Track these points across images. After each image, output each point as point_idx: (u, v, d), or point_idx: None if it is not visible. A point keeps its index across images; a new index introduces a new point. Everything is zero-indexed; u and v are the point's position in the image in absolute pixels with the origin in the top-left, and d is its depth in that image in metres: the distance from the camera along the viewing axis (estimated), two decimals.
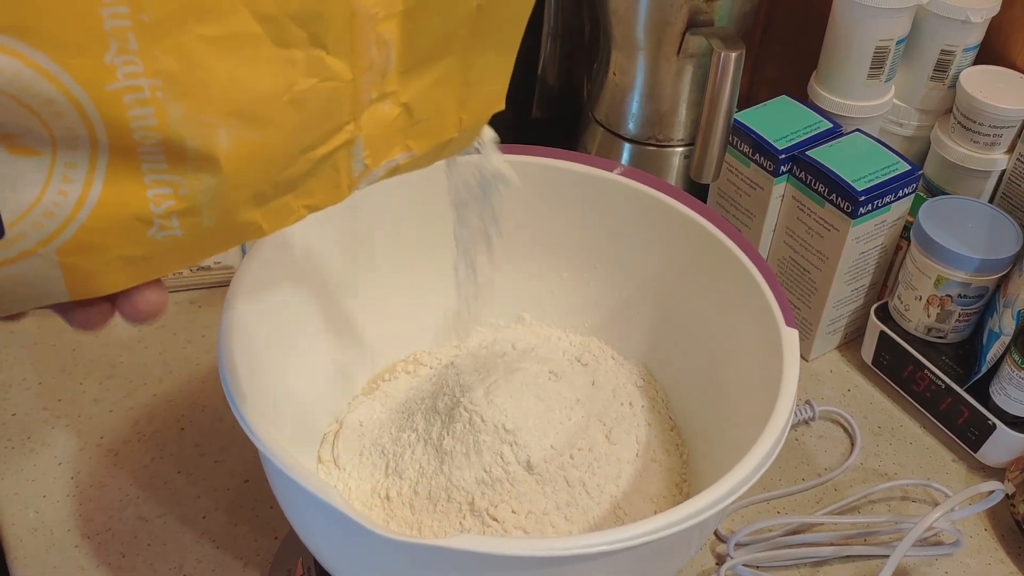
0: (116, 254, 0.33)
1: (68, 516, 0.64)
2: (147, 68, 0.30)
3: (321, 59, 0.33)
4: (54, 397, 0.71)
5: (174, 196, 0.32)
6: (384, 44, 0.35)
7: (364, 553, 0.46)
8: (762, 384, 0.52)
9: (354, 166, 0.38)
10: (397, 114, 0.38)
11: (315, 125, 0.35)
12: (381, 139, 0.38)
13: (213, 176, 0.32)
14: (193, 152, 0.32)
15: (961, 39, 0.74)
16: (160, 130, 0.31)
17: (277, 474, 0.45)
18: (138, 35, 0.29)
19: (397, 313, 0.65)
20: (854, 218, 0.68)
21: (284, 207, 0.36)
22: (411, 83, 0.38)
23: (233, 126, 0.32)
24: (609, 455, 0.57)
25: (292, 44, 0.32)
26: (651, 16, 0.73)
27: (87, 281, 0.33)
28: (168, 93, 0.30)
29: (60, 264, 0.32)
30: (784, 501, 0.68)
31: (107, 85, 0.30)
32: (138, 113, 0.30)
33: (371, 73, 0.36)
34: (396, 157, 0.39)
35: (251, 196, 0.34)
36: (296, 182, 0.36)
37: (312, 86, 0.34)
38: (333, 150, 0.36)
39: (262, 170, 0.34)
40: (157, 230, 0.33)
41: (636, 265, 0.64)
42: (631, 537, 0.42)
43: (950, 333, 0.72)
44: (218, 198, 0.33)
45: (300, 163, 0.35)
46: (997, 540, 0.66)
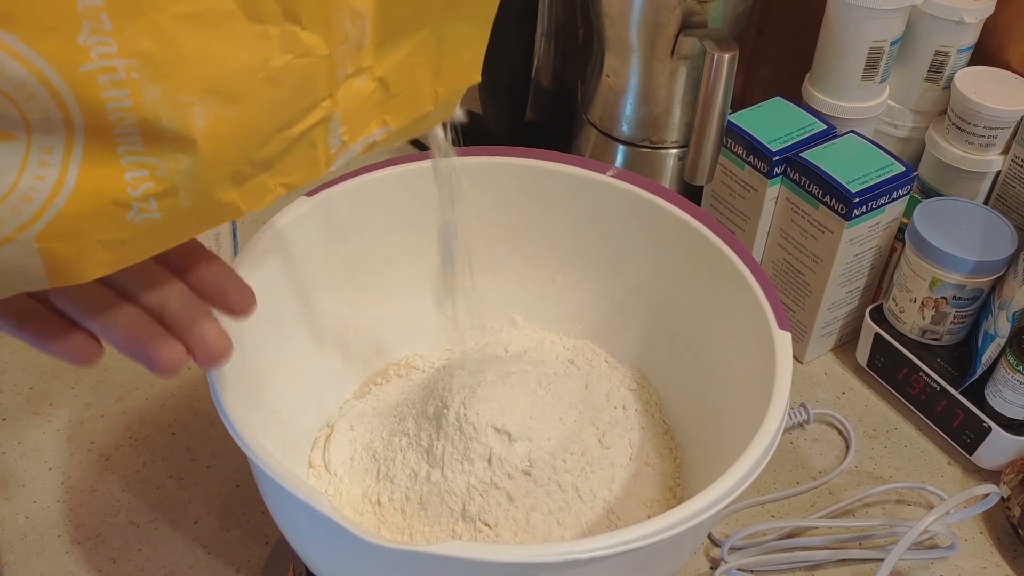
0: (95, 239, 0.32)
1: (59, 521, 0.63)
2: (121, 48, 0.29)
3: (296, 34, 0.33)
4: (45, 401, 0.71)
5: (152, 178, 0.32)
6: (359, 16, 0.35)
7: (354, 560, 0.45)
8: (755, 387, 0.51)
9: (331, 142, 0.37)
10: (373, 88, 0.37)
11: (291, 102, 0.35)
12: (358, 114, 0.37)
13: (190, 156, 0.32)
14: (170, 132, 0.31)
15: (955, 40, 0.74)
16: (136, 111, 0.30)
17: (266, 480, 0.44)
18: (111, 15, 0.29)
19: (389, 317, 0.65)
20: (848, 220, 0.68)
21: (261, 186, 0.36)
22: (386, 56, 0.37)
23: (209, 104, 0.32)
24: (602, 459, 0.57)
25: (266, 19, 0.32)
26: (644, 18, 0.73)
27: (67, 267, 0.33)
28: (143, 73, 0.30)
29: (39, 250, 0.32)
30: (779, 505, 0.68)
31: (81, 66, 0.29)
32: (113, 94, 0.30)
33: (346, 47, 0.35)
34: (373, 132, 0.39)
35: (229, 175, 0.34)
36: (273, 160, 0.35)
37: (288, 62, 0.33)
38: (310, 127, 0.36)
39: (239, 149, 0.34)
40: (136, 213, 0.32)
41: (629, 268, 0.64)
42: (624, 542, 0.42)
43: (945, 335, 0.71)
44: (196, 178, 0.33)
45: (277, 141, 0.35)
46: (992, 543, 0.66)
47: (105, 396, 0.71)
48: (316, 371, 0.61)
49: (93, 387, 0.72)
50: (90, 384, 0.72)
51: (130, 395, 0.71)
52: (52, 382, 0.72)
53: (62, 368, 0.73)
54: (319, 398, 0.62)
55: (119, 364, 0.73)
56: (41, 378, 0.72)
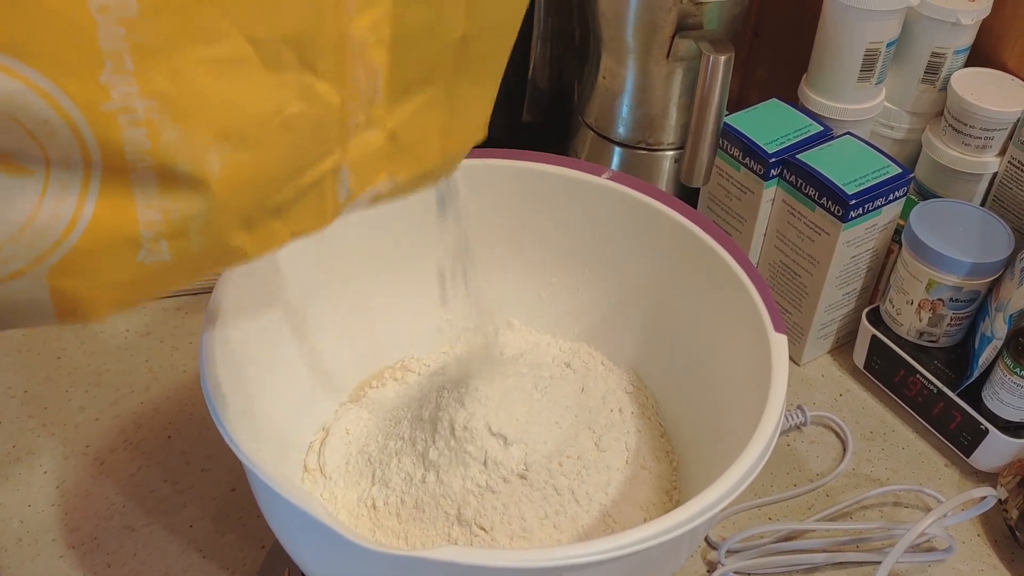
0: (105, 278, 0.33)
1: (53, 525, 0.63)
2: (142, 89, 0.30)
3: (311, 83, 0.34)
4: (40, 405, 0.70)
5: (164, 220, 0.32)
6: (372, 70, 0.36)
7: (350, 565, 0.45)
8: (752, 390, 0.51)
9: (339, 192, 0.38)
10: (383, 142, 0.38)
11: (304, 149, 0.35)
12: (366, 165, 0.38)
13: (204, 200, 0.32)
14: (184, 175, 0.31)
15: (952, 41, 0.74)
16: (153, 153, 0.31)
17: (260, 485, 0.44)
18: (134, 56, 0.29)
19: (384, 319, 0.65)
20: (845, 222, 0.68)
21: (270, 232, 0.36)
22: (396, 110, 0.38)
23: (225, 149, 0.32)
24: (598, 462, 0.57)
25: (283, 67, 0.33)
26: (640, 20, 0.72)
27: (75, 305, 0.33)
28: (163, 114, 0.30)
29: (49, 287, 0.32)
30: (776, 507, 0.67)
31: (102, 105, 0.29)
32: (132, 135, 0.30)
33: (358, 99, 0.36)
34: (379, 184, 0.39)
35: (240, 221, 0.34)
36: (283, 207, 0.36)
37: (302, 110, 0.34)
38: (321, 176, 0.36)
39: (251, 195, 0.34)
40: (146, 254, 0.33)
41: (625, 270, 0.64)
42: (620, 547, 0.42)
43: (942, 337, 0.71)
44: (207, 223, 0.33)
45: (288, 188, 0.35)
46: (990, 546, 0.66)
47: (100, 399, 0.71)
48: (311, 374, 0.61)
49: (88, 390, 0.72)
50: (84, 387, 0.72)
51: (125, 398, 0.71)
52: (46, 385, 0.72)
53: (57, 371, 0.73)
54: (314, 402, 0.62)
55: (115, 368, 0.73)
56: (35, 381, 0.72)
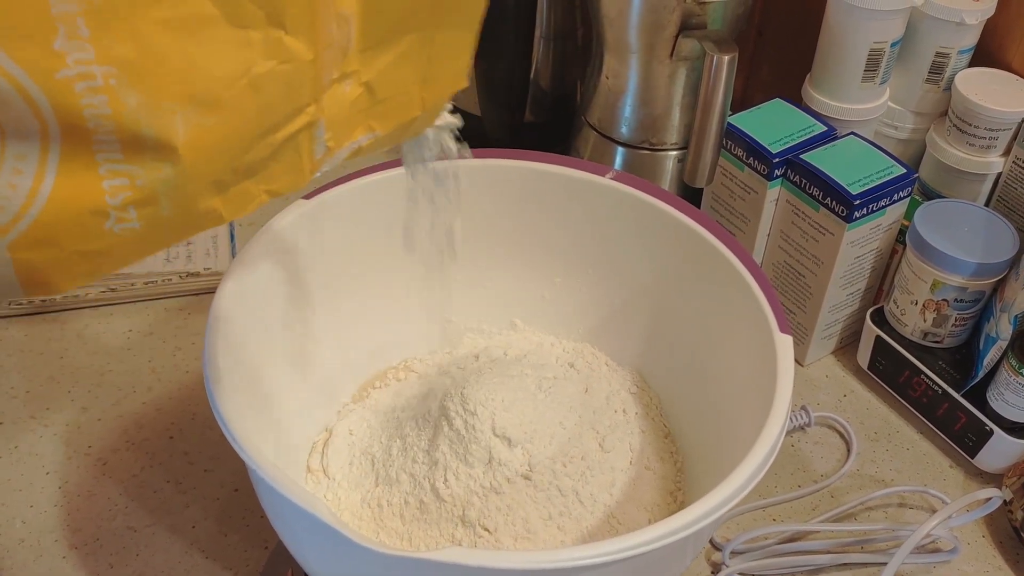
0: (72, 249, 0.32)
1: (56, 526, 0.63)
2: (99, 54, 0.29)
3: (280, 39, 0.33)
4: (42, 405, 0.70)
5: (131, 187, 0.31)
6: (344, 21, 0.35)
7: (354, 566, 0.45)
8: (756, 391, 0.51)
9: (316, 149, 0.37)
10: (359, 94, 0.37)
11: (275, 108, 0.34)
12: (343, 120, 0.37)
13: (171, 165, 0.31)
14: (150, 141, 0.31)
15: (956, 41, 0.73)
16: (115, 118, 0.30)
17: (264, 487, 0.44)
18: (88, 20, 0.28)
19: (386, 320, 0.64)
20: (849, 222, 0.68)
21: (244, 193, 0.35)
22: (373, 62, 0.37)
23: (191, 112, 0.31)
24: (603, 463, 0.57)
25: (249, 24, 0.31)
26: (644, 19, 0.72)
27: (41, 277, 0.32)
28: (122, 80, 0.29)
29: (12, 260, 0.31)
30: (780, 508, 0.67)
31: (57, 72, 0.28)
32: (91, 101, 0.29)
33: (331, 52, 0.35)
34: (358, 138, 0.38)
35: (211, 184, 0.33)
36: (257, 167, 0.35)
37: (271, 68, 0.33)
38: (294, 133, 0.35)
39: (222, 157, 0.33)
40: (114, 222, 0.32)
41: (629, 270, 0.64)
42: (625, 548, 0.41)
43: (947, 338, 0.71)
44: (177, 187, 0.32)
45: (260, 148, 0.34)
46: (995, 547, 0.65)
47: (102, 400, 0.71)
48: (314, 375, 0.61)
49: (90, 391, 0.71)
50: (87, 388, 0.72)
51: (127, 399, 0.71)
52: (49, 385, 0.72)
53: (59, 371, 0.72)
54: (317, 402, 0.62)
55: (117, 368, 0.73)
56: (37, 382, 0.72)
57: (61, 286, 0.33)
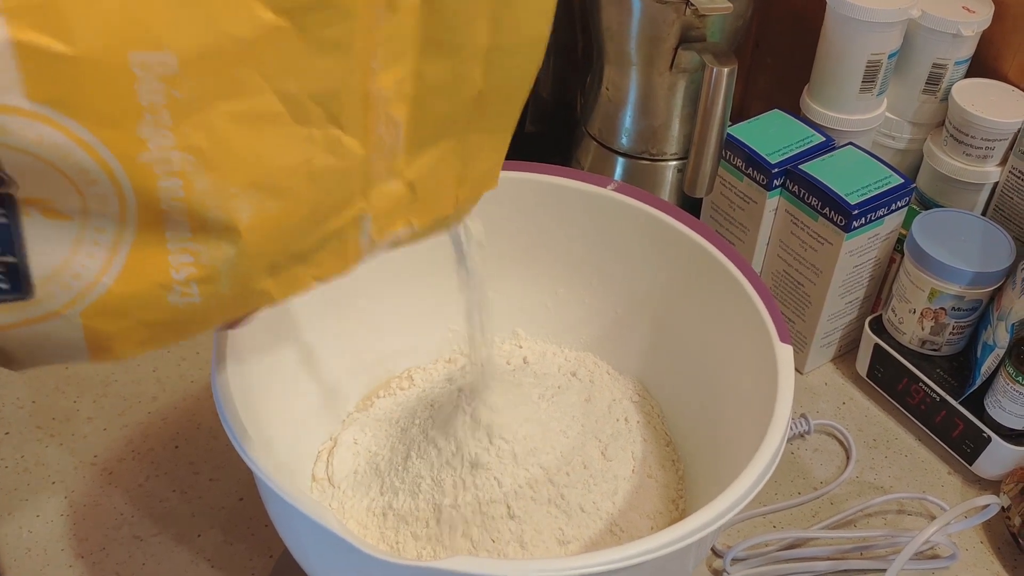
0: (137, 318, 0.34)
1: (62, 535, 0.64)
2: (178, 141, 0.31)
3: (337, 137, 0.35)
4: (48, 416, 0.71)
5: (195, 264, 0.34)
6: (394, 124, 0.37)
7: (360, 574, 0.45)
8: (757, 400, 0.52)
9: (361, 240, 0.39)
10: (403, 192, 0.40)
11: (329, 199, 0.36)
12: (386, 215, 0.39)
13: (233, 246, 0.34)
14: (216, 222, 0.33)
15: (952, 52, 0.74)
16: (186, 200, 0.32)
17: (271, 496, 0.44)
18: (171, 110, 0.30)
19: (391, 330, 0.65)
20: (847, 232, 0.69)
21: (295, 277, 0.37)
22: (415, 162, 0.39)
23: (254, 198, 0.33)
24: (605, 472, 0.57)
25: (311, 122, 0.34)
26: (643, 32, 0.73)
27: (107, 344, 0.34)
28: (196, 165, 0.31)
29: (83, 326, 0.33)
30: (780, 515, 0.68)
31: (139, 156, 0.31)
32: (167, 184, 0.31)
33: (381, 152, 0.37)
34: (398, 231, 0.41)
35: (267, 266, 0.36)
36: (308, 254, 0.37)
37: (328, 162, 0.35)
38: (344, 224, 0.38)
39: (278, 241, 0.35)
40: (177, 296, 0.34)
41: (630, 280, 0.64)
42: (628, 557, 0.42)
43: (944, 346, 0.72)
44: (236, 267, 0.34)
45: (313, 235, 0.37)
46: (993, 553, 0.66)
47: (107, 410, 0.71)
48: (319, 385, 0.61)
49: (95, 401, 0.72)
50: (92, 398, 0.72)
51: (132, 409, 0.72)
52: (54, 396, 0.72)
53: (64, 382, 0.73)
54: (322, 411, 0.62)
55: (122, 378, 0.74)
56: (43, 392, 0.72)
57: (123, 353, 0.35)
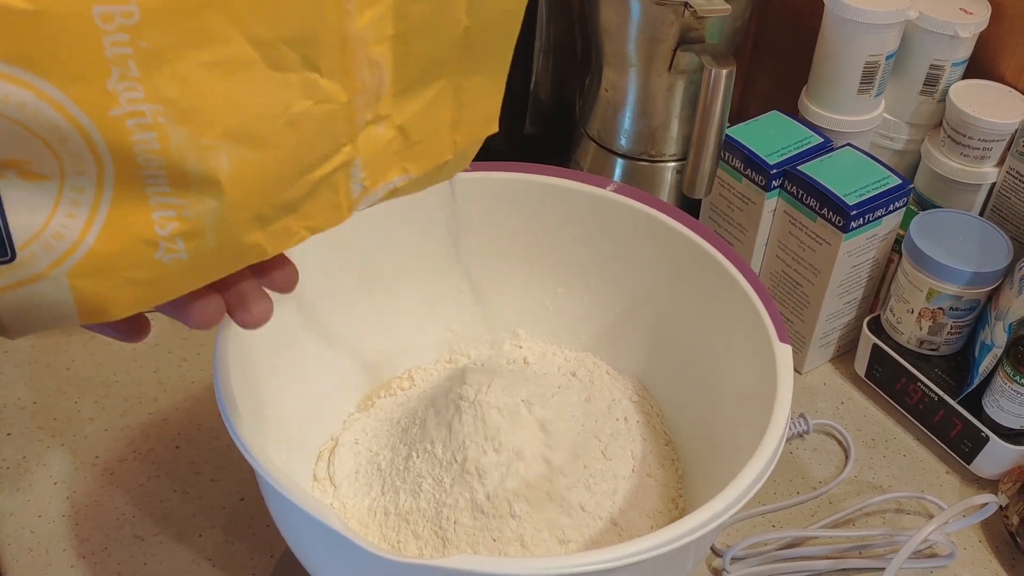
0: (125, 277, 0.34)
1: (64, 535, 0.64)
2: (148, 93, 0.31)
3: (315, 81, 0.34)
4: (49, 416, 0.71)
5: (178, 218, 0.33)
6: (376, 66, 0.36)
7: (363, 573, 0.46)
8: (756, 400, 0.52)
9: (353, 188, 0.38)
10: (393, 136, 0.39)
11: (313, 146, 0.36)
12: (378, 161, 0.39)
13: (215, 198, 0.33)
14: (195, 175, 0.32)
15: (950, 54, 0.74)
16: (163, 154, 0.31)
17: (274, 495, 0.45)
18: (138, 62, 0.30)
19: (391, 330, 0.65)
20: (846, 232, 0.69)
21: (285, 229, 0.37)
22: (405, 105, 0.38)
23: (233, 148, 0.33)
24: (605, 471, 0.58)
25: (286, 67, 0.33)
26: (642, 33, 0.73)
27: (96, 304, 0.34)
28: (169, 117, 0.31)
29: (70, 287, 0.33)
30: (779, 515, 0.68)
31: (110, 110, 0.30)
32: (141, 137, 0.31)
33: (365, 95, 0.37)
34: (394, 179, 0.40)
35: (253, 218, 0.35)
36: (296, 204, 0.36)
37: (308, 108, 0.35)
38: (331, 171, 0.37)
39: (263, 191, 0.35)
40: (163, 252, 0.34)
41: (630, 281, 0.65)
42: (628, 555, 0.42)
43: (942, 346, 0.72)
44: (221, 220, 0.34)
45: (300, 185, 0.36)
46: (991, 551, 0.66)
47: (109, 410, 0.72)
48: (320, 384, 0.62)
49: (97, 401, 0.72)
50: (94, 398, 0.72)
51: (134, 409, 0.72)
52: (56, 396, 0.72)
53: (66, 382, 0.73)
54: (323, 411, 0.62)
55: (123, 379, 0.74)
56: (45, 393, 0.73)
57: (114, 313, 0.34)
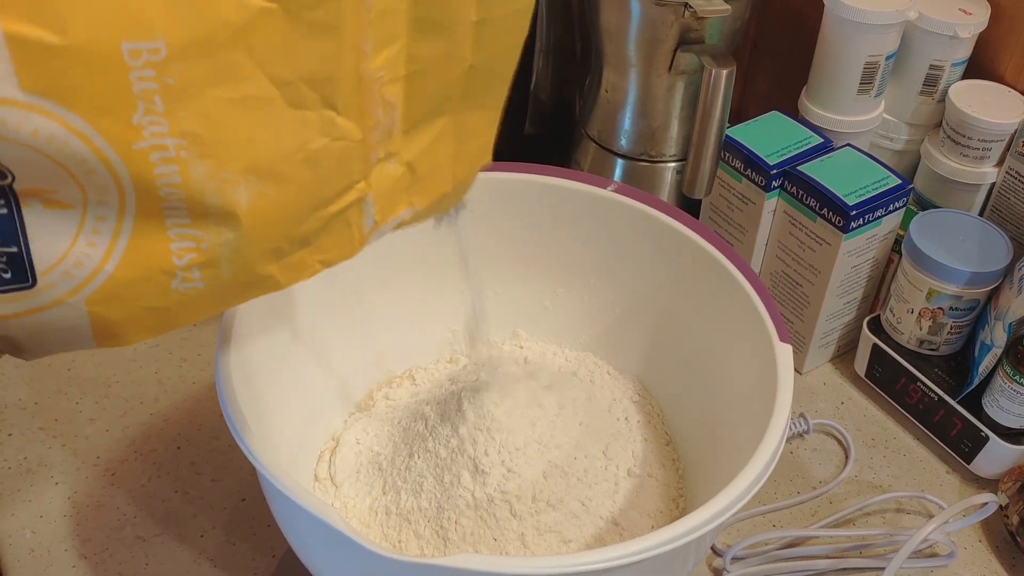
0: (141, 304, 0.35)
1: (65, 536, 0.64)
2: (172, 128, 0.31)
3: (332, 119, 0.35)
4: (51, 417, 0.71)
5: (196, 249, 0.34)
6: (389, 106, 0.38)
7: (365, 572, 0.46)
8: (757, 399, 0.52)
9: (365, 222, 0.40)
10: (402, 173, 0.40)
11: (328, 182, 0.37)
12: (388, 196, 0.40)
13: (233, 231, 0.34)
14: (214, 208, 0.33)
15: (949, 54, 0.75)
16: (184, 187, 0.32)
17: (276, 495, 0.45)
18: (163, 97, 0.31)
19: (392, 330, 0.65)
20: (846, 232, 0.69)
21: (300, 262, 0.38)
22: (412, 142, 0.40)
23: (252, 183, 0.34)
24: (606, 471, 0.58)
25: (305, 105, 0.34)
26: (642, 34, 0.74)
27: (113, 330, 0.35)
28: (191, 152, 0.32)
29: (88, 313, 0.34)
30: (779, 514, 0.68)
31: (135, 144, 0.31)
32: (163, 171, 0.32)
33: (378, 133, 0.38)
34: (401, 213, 0.41)
35: (269, 251, 0.36)
36: (311, 237, 0.38)
37: (325, 145, 0.36)
38: (346, 207, 0.38)
39: (279, 225, 0.36)
40: (180, 281, 0.35)
41: (630, 281, 0.65)
42: (629, 554, 0.42)
43: (942, 345, 0.72)
44: (237, 252, 0.35)
45: (315, 219, 0.37)
46: (991, 551, 0.66)
47: (110, 411, 0.72)
48: (320, 385, 0.62)
49: (98, 402, 0.72)
50: (94, 399, 0.72)
51: (134, 410, 0.72)
52: (57, 397, 0.72)
53: (67, 383, 0.73)
54: (324, 411, 0.63)
55: (124, 379, 0.74)
56: (46, 394, 0.73)
57: (129, 339, 0.35)
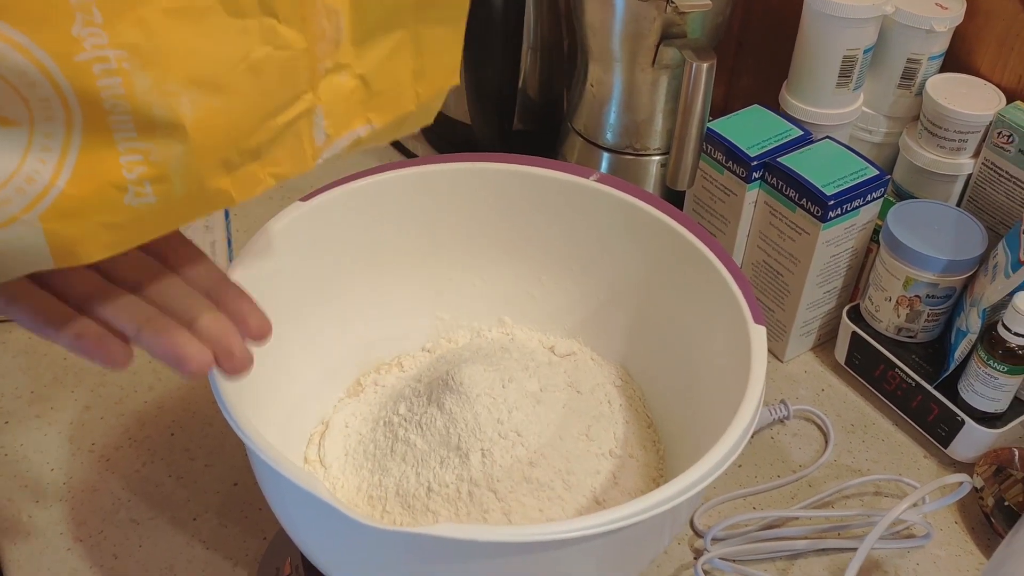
0: (95, 220, 0.35)
1: (61, 520, 0.65)
2: (112, 39, 0.32)
3: (274, 27, 0.36)
4: (47, 405, 0.72)
5: (145, 162, 0.34)
6: (333, 13, 0.38)
7: (351, 544, 0.47)
8: (733, 380, 0.53)
9: (316, 135, 0.40)
10: (355, 86, 0.40)
11: (274, 92, 0.37)
12: (341, 110, 0.40)
13: (181, 143, 0.34)
14: (160, 120, 0.34)
15: (927, 48, 0.76)
16: (128, 99, 0.33)
17: (265, 469, 0.46)
18: (101, 8, 0.31)
19: (380, 318, 0.67)
20: (824, 222, 0.70)
21: (251, 175, 0.38)
22: (365, 55, 0.40)
23: (196, 94, 0.34)
24: (588, 451, 0.59)
25: (245, 13, 0.35)
26: (626, 28, 0.75)
27: (70, 247, 0.35)
28: (133, 63, 0.32)
29: (44, 230, 0.34)
30: (760, 497, 0.70)
31: (76, 56, 0.31)
32: (107, 83, 0.32)
33: (324, 42, 0.38)
34: (357, 129, 0.41)
35: (219, 163, 0.36)
36: (261, 150, 0.38)
37: (267, 54, 0.36)
38: (294, 118, 0.38)
39: (227, 137, 0.36)
40: (132, 196, 0.35)
41: (613, 269, 0.66)
42: (607, 522, 0.44)
43: (920, 333, 0.74)
44: (187, 165, 0.35)
45: (263, 130, 0.37)
46: (967, 532, 0.68)
47: (105, 399, 0.73)
48: (310, 370, 0.63)
49: (93, 390, 0.74)
50: (90, 387, 0.74)
51: (129, 398, 0.73)
52: (53, 386, 0.74)
53: (62, 372, 0.75)
54: (313, 396, 0.64)
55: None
56: (42, 382, 0.74)
57: (87, 256, 0.35)
